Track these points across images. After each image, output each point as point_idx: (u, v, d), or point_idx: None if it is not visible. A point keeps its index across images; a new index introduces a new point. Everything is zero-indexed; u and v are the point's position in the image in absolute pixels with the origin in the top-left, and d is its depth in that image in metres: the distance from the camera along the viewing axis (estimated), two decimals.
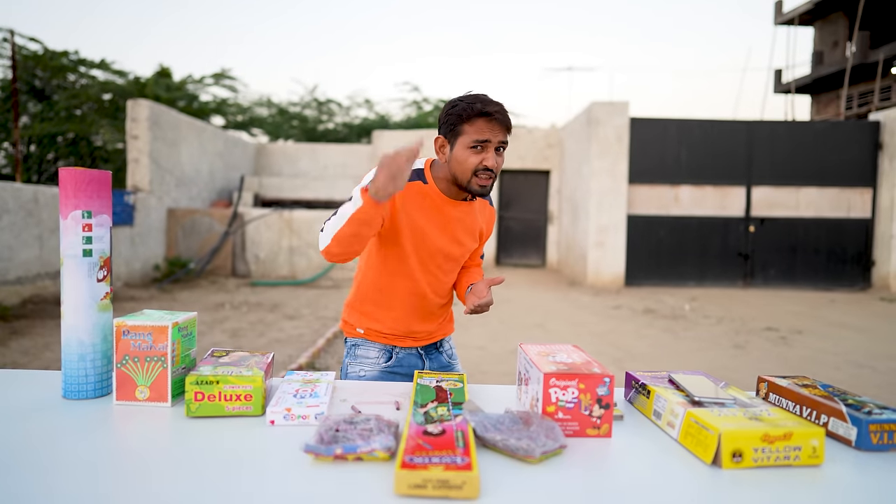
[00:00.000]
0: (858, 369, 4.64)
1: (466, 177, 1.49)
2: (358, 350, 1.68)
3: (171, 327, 1.10)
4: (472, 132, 1.46)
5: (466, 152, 1.48)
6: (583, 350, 1.20)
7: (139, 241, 8.61)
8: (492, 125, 1.46)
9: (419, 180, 1.57)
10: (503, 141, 1.49)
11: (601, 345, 5.36)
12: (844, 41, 17.97)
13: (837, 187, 9.56)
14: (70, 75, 12.94)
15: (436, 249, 1.60)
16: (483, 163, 1.47)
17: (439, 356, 1.75)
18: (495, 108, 1.47)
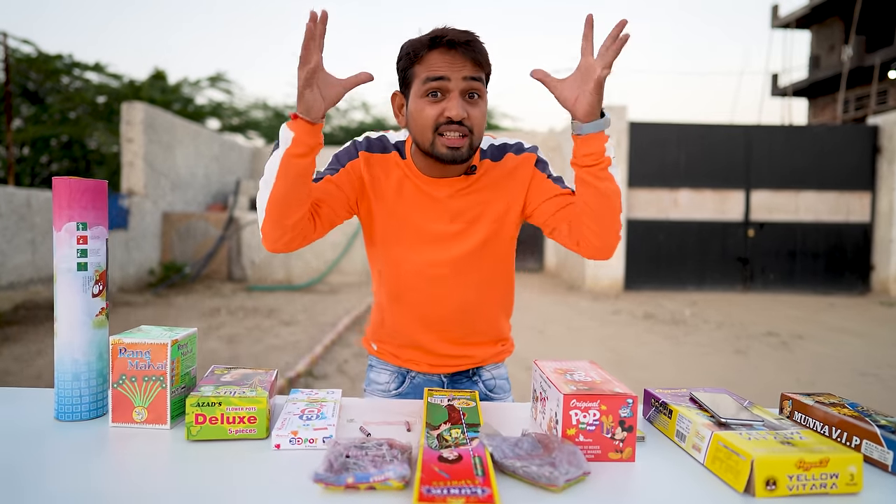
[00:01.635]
0: (862, 377, 4.61)
1: (427, 137, 1.09)
2: (371, 373, 1.40)
3: (171, 345, 1.05)
4: (424, 74, 1.07)
5: (420, 102, 1.09)
6: (600, 367, 1.16)
7: (134, 246, 8.53)
8: (451, 59, 1.06)
9: (395, 151, 1.19)
10: (473, 77, 1.07)
11: (601, 351, 5.31)
12: (841, 45, 18.04)
13: (836, 191, 9.56)
14: (64, 78, 12.86)
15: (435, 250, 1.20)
16: (445, 113, 1.06)
17: (472, 387, 1.34)
18: (452, 34, 1.06)
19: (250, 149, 13.61)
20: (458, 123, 1.08)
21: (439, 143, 1.09)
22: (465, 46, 1.06)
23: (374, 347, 1.37)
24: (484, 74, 1.11)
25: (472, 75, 1.08)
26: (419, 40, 1.09)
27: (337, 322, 6.18)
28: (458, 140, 1.09)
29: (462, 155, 1.10)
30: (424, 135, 1.10)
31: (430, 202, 1.19)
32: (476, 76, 1.08)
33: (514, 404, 1.27)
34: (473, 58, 1.07)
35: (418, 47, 1.08)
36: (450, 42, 1.06)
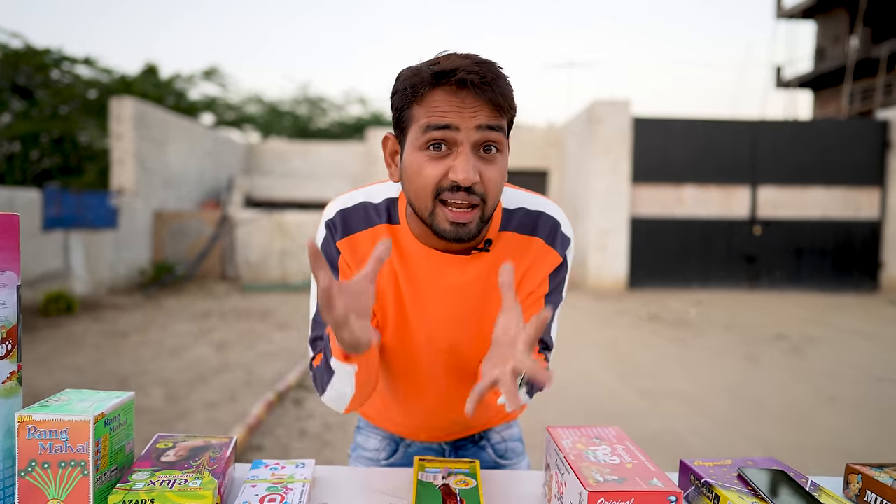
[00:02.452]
0: (881, 385, 4.41)
1: (425, 205, 0.82)
2: (358, 437, 1.19)
3: (94, 423, 0.84)
4: (424, 118, 0.80)
5: (419, 157, 0.81)
6: (630, 440, 0.94)
7: (124, 245, 8.31)
8: (460, 99, 0.78)
9: (387, 221, 0.92)
10: (490, 127, 0.79)
11: (606, 357, 5.11)
12: (846, 36, 17.76)
13: (844, 187, 9.34)
14: (54, 72, 12.59)
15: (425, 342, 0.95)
16: (450, 175, 0.79)
17: (479, 453, 1.13)
18: (464, 67, 0.78)
19: (245, 144, 13.36)
20: (468, 190, 0.80)
21: (441, 215, 0.82)
22: (482, 86, 0.78)
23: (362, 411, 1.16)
24: (506, 120, 0.82)
25: (488, 123, 0.79)
26: (420, 73, 0.80)
27: None
28: (466, 214, 0.81)
29: (469, 232, 0.82)
30: (422, 201, 0.83)
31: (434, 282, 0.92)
32: (494, 125, 0.80)
33: (526, 474, 1.06)
34: (492, 99, 0.78)
35: (418, 83, 0.80)
36: (461, 81, 0.77)
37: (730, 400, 4.00)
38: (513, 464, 1.15)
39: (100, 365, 4.45)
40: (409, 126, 0.83)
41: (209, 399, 3.75)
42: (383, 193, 0.94)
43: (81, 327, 5.73)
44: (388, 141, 0.89)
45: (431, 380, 1.00)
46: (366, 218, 0.93)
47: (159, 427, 3.28)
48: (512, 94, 0.83)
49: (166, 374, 4.29)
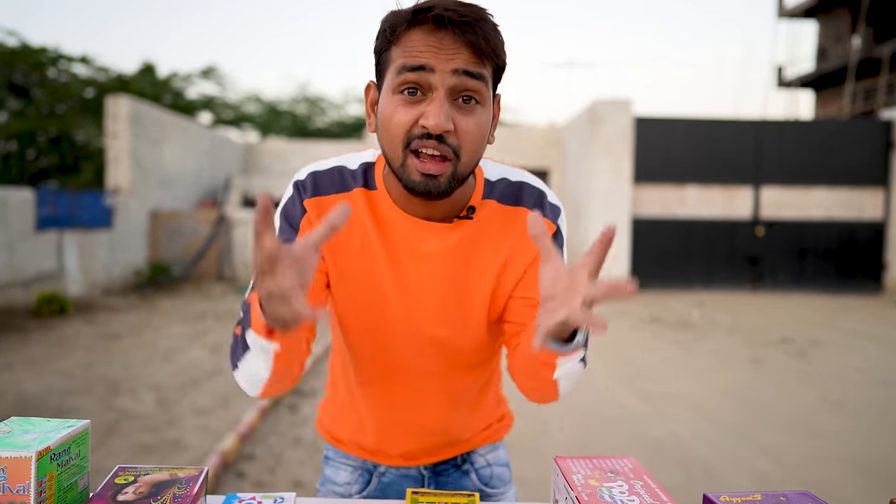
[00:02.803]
0: (888, 389, 4.31)
1: (396, 155, 0.75)
2: (327, 469, 1.05)
3: (37, 459, 0.73)
4: (399, 60, 0.73)
5: (392, 102, 0.74)
6: (647, 473, 0.84)
7: (119, 246, 8.21)
8: (437, 39, 0.71)
9: (363, 186, 0.84)
10: (468, 73, 0.72)
11: (608, 361, 5.01)
12: (848, 36, 17.66)
13: (848, 188, 9.25)
14: (50, 71, 12.48)
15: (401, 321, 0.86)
16: (420, 121, 0.72)
17: (462, 479, 1.01)
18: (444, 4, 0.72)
19: (243, 144, 13.26)
20: (438, 139, 0.72)
21: (411, 166, 0.74)
22: (461, 26, 0.71)
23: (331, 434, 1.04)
24: (490, 69, 0.75)
25: (466, 68, 0.72)
26: (400, 12, 0.74)
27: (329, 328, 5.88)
28: (437, 164, 0.73)
29: (439, 186, 0.74)
30: (393, 150, 0.75)
31: (406, 248, 0.83)
32: (474, 71, 0.72)
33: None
34: (473, 42, 0.71)
35: (396, 22, 0.74)
36: (438, 17, 0.71)
37: (734, 404, 3.90)
38: (499, 493, 1.04)
39: (90, 369, 4.34)
40: (387, 69, 0.76)
41: (201, 404, 3.65)
42: (360, 159, 0.87)
43: (74, 329, 5.62)
44: (370, 89, 0.83)
45: (409, 368, 0.90)
46: (340, 182, 0.85)
47: (150, 434, 3.18)
48: (499, 40, 0.75)
49: (158, 378, 4.19)
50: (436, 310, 0.86)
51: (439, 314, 0.86)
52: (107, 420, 3.35)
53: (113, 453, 2.93)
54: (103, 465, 2.81)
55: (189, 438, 3.12)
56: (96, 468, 2.81)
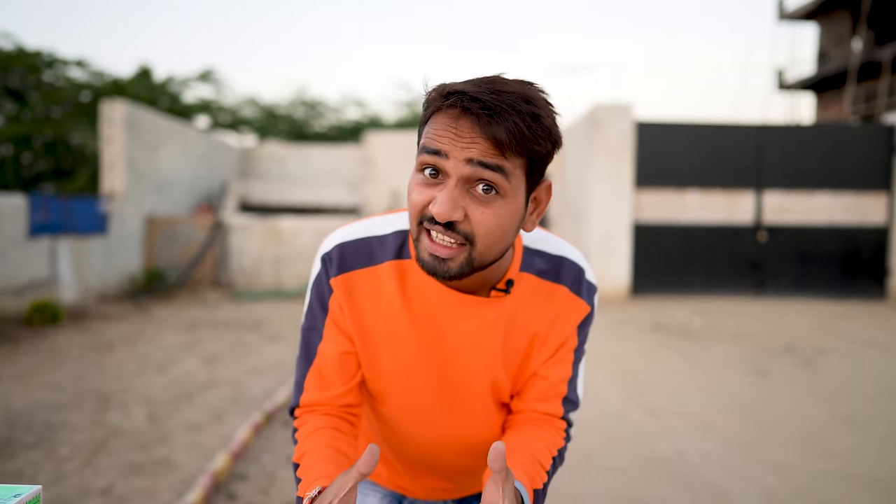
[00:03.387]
0: (895, 400, 4.22)
1: (414, 231, 0.77)
2: None
3: None
4: (424, 136, 0.76)
5: (415, 179, 0.76)
6: None
7: (114, 252, 8.11)
8: (457, 129, 0.71)
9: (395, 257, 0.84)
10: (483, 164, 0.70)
11: (610, 372, 4.92)
12: (849, 39, 17.61)
13: (851, 192, 9.17)
14: (46, 74, 12.40)
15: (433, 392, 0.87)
16: (426, 206, 0.74)
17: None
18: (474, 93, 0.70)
19: (240, 148, 13.18)
20: (447, 226, 0.71)
21: (423, 244, 0.75)
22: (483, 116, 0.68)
23: None
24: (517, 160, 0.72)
25: (482, 160, 0.70)
26: (437, 91, 0.74)
27: None
28: (446, 249, 0.72)
29: (449, 271, 0.73)
30: (412, 225, 0.76)
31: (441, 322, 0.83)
32: (490, 163, 0.70)
33: None
34: (495, 135, 0.69)
35: (431, 101, 0.75)
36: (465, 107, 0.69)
37: (741, 420, 3.80)
38: None
39: (81, 382, 4.24)
40: (419, 144, 0.78)
41: (193, 420, 3.55)
42: (393, 225, 0.87)
43: (66, 339, 5.52)
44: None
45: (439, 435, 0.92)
46: (368, 255, 0.85)
47: (139, 452, 3.09)
48: (533, 131, 0.71)
49: (150, 391, 4.09)
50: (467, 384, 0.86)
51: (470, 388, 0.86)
52: (95, 437, 3.25)
53: (100, 473, 2.83)
54: (91, 485, 2.71)
55: (179, 456, 3.02)
56: (85, 489, 2.71)
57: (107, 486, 2.70)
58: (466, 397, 0.88)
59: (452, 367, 0.85)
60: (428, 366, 0.86)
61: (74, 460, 2.95)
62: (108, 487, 2.69)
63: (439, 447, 0.93)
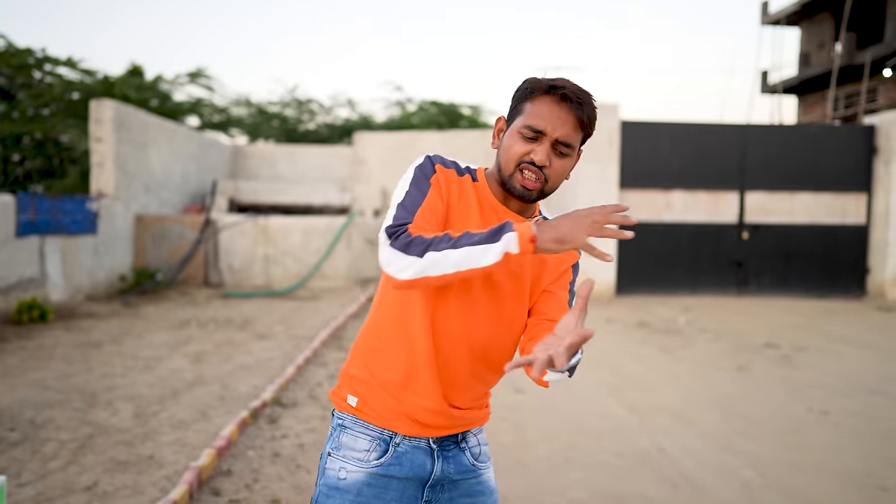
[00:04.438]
0: (870, 396, 4.33)
1: (509, 168, 1.14)
2: (343, 436, 1.20)
3: None
4: (529, 114, 1.12)
5: (515, 137, 1.14)
6: None
7: (103, 251, 8.09)
8: (558, 111, 1.11)
9: (468, 174, 1.21)
10: (566, 140, 1.12)
11: (595, 369, 4.99)
12: (831, 42, 17.85)
13: (832, 193, 9.32)
14: (36, 73, 12.32)
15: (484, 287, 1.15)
16: (529, 154, 1.11)
17: (459, 455, 1.24)
18: (571, 88, 1.11)
19: (230, 147, 13.16)
20: (539, 168, 1.12)
21: (517, 179, 1.14)
22: (576, 105, 1.11)
23: (353, 403, 1.20)
24: (583, 135, 1.16)
25: (566, 139, 1.12)
26: (540, 81, 1.14)
27: (314, 336, 5.81)
28: (533, 182, 1.13)
29: (532, 196, 1.15)
30: (507, 165, 1.15)
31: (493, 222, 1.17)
32: (569, 142, 1.13)
33: None
34: (579, 117, 1.12)
35: (536, 87, 1.14)
36: (564, 95, 1.11)
37: (721, 415, 3.89)
38: (485, 467, 1.27)
39: (67, 380, 4.26)
40: (518, 115, 1.15)
41: (180, 417, 3.58)
42: (466, 164, 1.24)
43: (53, 337, 5.52)
44: (500, 121, 1.21)
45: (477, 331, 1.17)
46: (455, 166, 1.22)
47: (125, 448, 3.12)
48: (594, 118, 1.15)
49: (137, 388, 4.11)
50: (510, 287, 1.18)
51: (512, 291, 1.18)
52: (81, 434, 3.27)
53: (85, 470, 2.86)
54: (75, 482, 2.74)
55: (165, 453, 3.05)
56: (69, 486, 2.74)
57: (91, 483, 2.73)
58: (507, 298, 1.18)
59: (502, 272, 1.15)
60: None
61: (59, 458, 2.98)
62: (92, 484, 2.72)
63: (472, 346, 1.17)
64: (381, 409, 1.18)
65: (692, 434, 3.54)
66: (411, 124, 15.53)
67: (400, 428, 1.17)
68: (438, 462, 1.20)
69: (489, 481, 1.26)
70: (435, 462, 1.20)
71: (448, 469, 1.21)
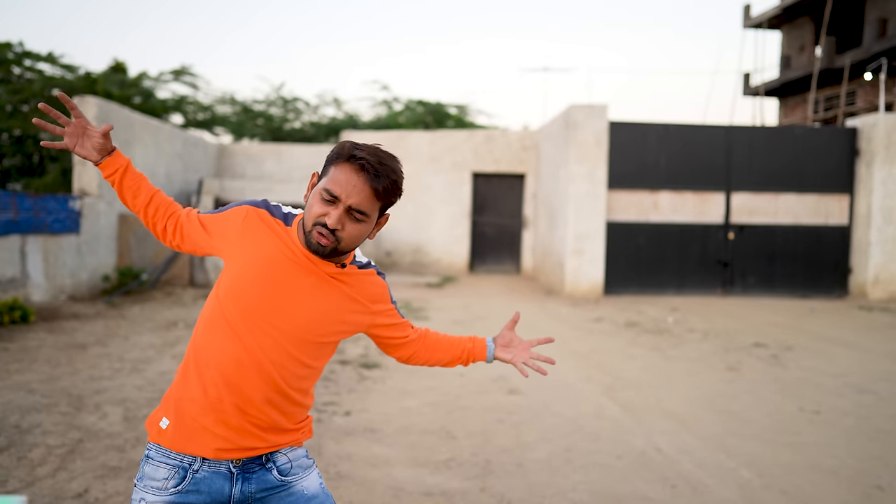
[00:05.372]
0: (860, 395, 4.39)
1: (308, 225, 1.21)
2: (147, 466, 1.26)
3: None
4: (330, 178, 1.19)
5: (316, 197, 1.21)
6: None
7: (86, 250, 7.93)
8: (355, 179, 1.17)
9: (281, 220, 1.30)
10: (359, 208, 1.18)
11: (587, 368, 5.00)
12: (811, 45, 18.16)
13: (816, 194, 9.47)
14: (15, 69, 12.05)
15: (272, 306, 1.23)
16: (324, 216, 1.18)
17: (265, 474, 1.28)
18: (371, 161, 1.17)
19: (216, 146, 12.99)
20: (332, 231, 1.19)
21: (314, 234, 1.21)
22: (373, 176, 1.18)
23: (164, 425, 1.25)
24: (381, 204, 1.23)
25: (359, 207, 1.19)
26: (345, 148, 1.21)
27: None
28: (325, 240, 1.20)
29: (324, 252, 1.21)
30: (307, 222, 1.22)
31: (303, 274, 1.26)
32: (363, 210, 1.20)
33: None
34: (374, 188, 1.19)
35: (341, 153, 1.21)
36: (362, 165, 1.18)
37: (715, 416, 3.91)
38: (299, 478, 1.31)
39: (53, 382, 4.15)
40: (325, 176, 1.23)
41: None
42: (288, 210, 1.34)
43: (36, 339, 5.39)
44: (314, 176, 1.28)
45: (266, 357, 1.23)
46: (278, 213, 1.31)
47: (115, 453, 3.04)
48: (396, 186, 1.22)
49: (126, 391, 4.02)
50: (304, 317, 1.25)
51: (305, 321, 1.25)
52: (69, 440, 3.19)
53: (76, 476, 2.79)
54: (65, 489, 2.67)
55: None
56: (58, 494, 2.67)
57: (82, 491, 2.65)
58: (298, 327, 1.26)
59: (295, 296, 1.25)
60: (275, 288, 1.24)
61: (47, 464, 2.90)
62: (83, 491, 2.65)
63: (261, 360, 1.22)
64: (181, 437, 1.24)
65: (688, 434, 3.56)
66: (398, 123, 15.46)
67: (202, 452, 1.23)
68: (238, 484, 1.25)
69: (305, 490, 1.30)
70: (234, 485, 1.25)
71: (249, 489, 1.26)
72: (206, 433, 1.22)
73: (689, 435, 3.54)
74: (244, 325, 1.22)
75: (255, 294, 1.23)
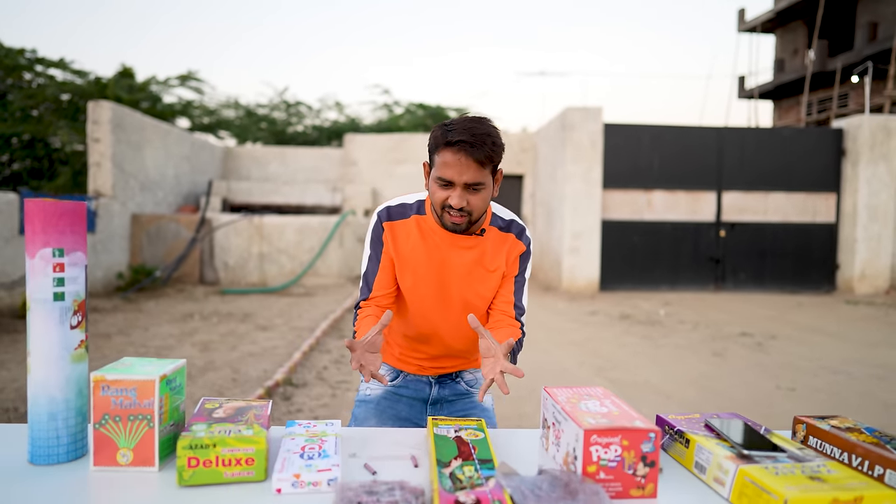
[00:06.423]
0: (834, 375, 4.70)
1: (437, 210, 1.36)
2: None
3: (159, 381, 0.97)
4: (438, 165, 1.31)
5: (434, 185, 1.34)
6: (615, 396, 1.11)
7: (101, 249, 8.25)
8: (458, 159, 1.27)
9: (416, 214, 1.46)
10: (473, 182, 1.29)
11: (582, 354, 5.32)
12: (804, 49, 18.52)
13: (804, 193, 9.79)
14: (26, 74, 12.37)
15: (436, 290, 1.45)
16: (447, 199, 1.32)
17: (454, 385, 1.62)
18: (464, 138, 1.26)
19: (222, 148, 13.31)
20: (459, 210, 1.33)
21: (446, 218, 1.36)
22: (471, 149, 1.27)
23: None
24: (491, 166, 1.33)
25: (474, 181, 1.30)
26: (439, 135, 1.31)
27: (315, 327, 6.06)
28: (459, 219, 1.35)
29: (461, 228, 1.37)
30: (436, 208, 1.37)
31: (441, 252, 1.44)
32: (477, 181, 1.30)
33: (523, 431, 1.22)
34: (478, 160, 1.28)
35: (438, 142, 1.31)
36: (459, 145, 1.27)
37: (698, 391, 4.23)
38: (476, 390, 1.62)
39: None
40: (433, 165, 1.35)
41: (198, 396, 3.81)
42: (416, 197, 1.49)
43: None
44: (425, 166, 1.41)
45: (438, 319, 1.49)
46: (402, 212, 1.47)
47: None
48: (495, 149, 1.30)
49: None
50: (452, 278, 1.46)
51: (461, 287, 1.46)
52: None
53: None
54: None
55: None
56: None
57: None
58: (456, 294, 1.46)
59: (448, 277, 1.45)
60: (434, 276, 1.45)
61: None
62: None
63: (439, 327, 1.50)
64: (395, 357, 1.60)
65: (672, 405, 3.87)
66: (399, 126, 15.80)
67: (405, 369, 1.59)
68: (435, 388, 1.59)
69: (484, 401, 1.59)
70: (432, 387, 1.59)
71: (443, 392, 1.59)
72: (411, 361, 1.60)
73: (673, 405, 3.86)
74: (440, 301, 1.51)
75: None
